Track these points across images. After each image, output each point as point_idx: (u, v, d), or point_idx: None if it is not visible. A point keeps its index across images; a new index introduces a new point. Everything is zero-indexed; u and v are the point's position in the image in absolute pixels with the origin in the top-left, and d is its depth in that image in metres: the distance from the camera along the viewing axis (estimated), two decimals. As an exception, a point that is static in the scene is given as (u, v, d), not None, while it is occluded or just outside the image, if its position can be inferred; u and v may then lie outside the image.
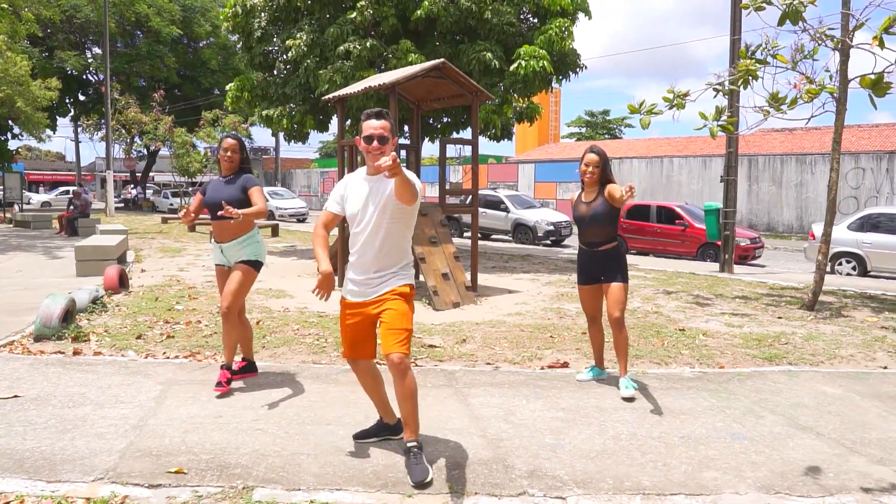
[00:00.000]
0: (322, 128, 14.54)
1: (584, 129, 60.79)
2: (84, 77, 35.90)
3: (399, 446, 3.51)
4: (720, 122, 6.85)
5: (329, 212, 3.42)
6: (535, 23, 12.65)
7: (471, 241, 9.23)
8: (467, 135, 15.94)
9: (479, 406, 4.24)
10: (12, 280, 9.53)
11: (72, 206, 18.55)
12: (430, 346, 5.77)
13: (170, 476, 3.14)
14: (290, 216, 27.98)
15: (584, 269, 4.73)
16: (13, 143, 32.60)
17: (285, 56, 12.65)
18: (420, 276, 8.12)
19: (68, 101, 35.96)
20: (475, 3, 11.47)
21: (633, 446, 3.62)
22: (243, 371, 4.79)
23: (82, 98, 36.95)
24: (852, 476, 3.29)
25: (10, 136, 29.85)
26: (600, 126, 60.14)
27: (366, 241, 3.25)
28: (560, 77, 13.00)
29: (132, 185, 43.26)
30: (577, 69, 12.98)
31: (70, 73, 33.24)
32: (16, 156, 34.77)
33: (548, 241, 18.47)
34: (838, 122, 7.91)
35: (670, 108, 7.06)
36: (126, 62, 32.85)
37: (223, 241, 4.54)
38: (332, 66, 11.53)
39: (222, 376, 4.44)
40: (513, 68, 11.31)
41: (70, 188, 34.77)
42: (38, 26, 23.39)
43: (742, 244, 14.00)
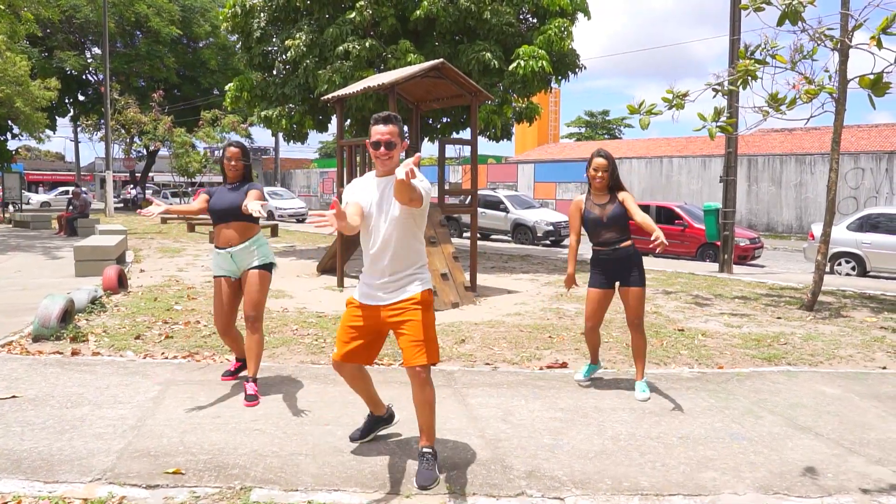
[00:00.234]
0: (321, 128, 14.55)
1: (583, 130, 60.80)
2: (83, 77, 35.90)
3: (397, 447, 3.54)
4: (719, 123, 6.86)
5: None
6: (535, 23, 12.66)
7: (470, 242, 9.23)
8: (467, 135, 15.91)
9: (477, 406, 4.24)
10: (11, 280, 9.53)
11: (71, 207, 18.54)
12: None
13: (167, 476, 3.14)
14: (290, 216, 27.98)
15: (604, 270, 4.53)
16: (12, 144, 32.68)
17: (284, 56, 12.65)
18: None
19: (68, 101, 35.96)
20: (474, 4, 11.48)
21: (631, 447, 3.62)
22: (239, 371, 4.79)
23: (82, 98, 36.95)
24: (851, 476, 3.29)
25: (9, 136, 29.88)
26: (600, 126, 60.15)
27: (380, 244, 3.19)
28: (559, 77, 13.01)
29: (132, 186, 43.23)
30: (577, 69, 12.99)
31: (69, 73, 33.23)
32: (15, 156, 34.79)
33: (547, 242, 18.46)
34: (837, 123, 7.92)
35: (669, 109, 7.07)
36: (125, 62, 32.84)
37: (231, 244, 4.39)
38: (331, 66, 11.53)
39: (252, 389, 4.29)
40: (512, 68, 11.32)
41: (69, 188, 34.75)
42: (38, 26, 23.39)
43: (741, 244, 13.99)
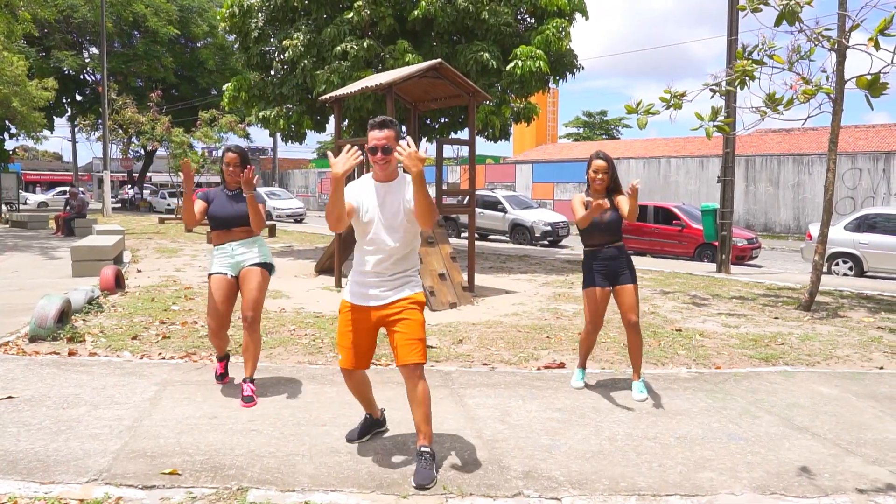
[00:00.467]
0: (319, 128, 14.53)
1: (581, 130, 60.88)
2: (81, 77, 35.85)
3: (394, 447, 3.54)
4: (716, 123, 6.86)
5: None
6: (532, 23, 12.66)
7: (468, 242, 9.22)
8: (464, 135, 15.88)
9: (475, 407, 4.23)
10: (8, 280, 9.50)
11: (68, 207, 18.51)
12: (427, 347, 5.75)
13: (164, 477, 3.13)
14: (288, 217, 27.96)
15: (598, 270, 4.49)
16: (10, 143, 32.56)
17: (282, 56, 12.64)
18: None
19: (65, 101, 35.92)
20: (472, 4, 11.48)
21: (628, 447, 3.62)
22: (226, 370, 4.70)
23: (79, 98, 36.89)
24: (848, 476, 3.29)
25: (6, 136, 29.80)
26: (598, 126, 60.23)
27: (382, 250, 3.20)
28: (557, 77, 13.01)
29: (129, 186, 43.20)
30: (575, 69, 12.99)
31: (67, 72, 33.18)
32: (12, 156, 34.74)
33: (545, 242, 18.47)
34: (835, 123, 7.93)
35: (667, 109, 7.06)
36: (123, 62, 32.79)
37: (233, 240, 4.39)
38: (329, 66, 11.52)
39: (249, 390, 4.25)
40: (510, 68, 11.31)
41: (67, 188, 34.70)
42: (35, 26, 23.31)
43: (739, 244, 14.00)
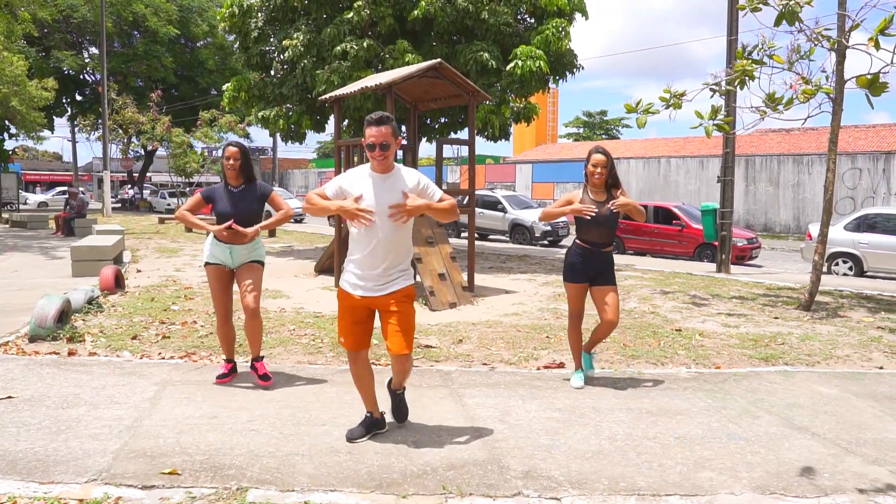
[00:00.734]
0: (319, 128, 14.53)
1: (581, 130, 60.88)
2: (81, 77, 35.82)
3: (394, 447, 3.54)
4: (716, 122, 6.86)
5: (325, 192, 3.46)
6: (532, 23, 12.66)
7: (468, 242, 9.22)
8: (464, 135, 15.90)
9: (474, 406, 4.23)
10: (8, 280, 9.50)
11: (68, 207, 18.50)
12: (427, 347, 5.76)
13: (164, 477, 3.13)
14: (288, 216, 27.91)
15: (581, 268, 4.62)
16: (10, 143, 32.56)
17: (282, 56, 12.64)
18: (417, 277, 8.11)
19: (65, 100, 35.88)
20: (472, 4, 11.48)
21: (628, 447, 3.62)
22: (231, 372, 4.76)
23: (79, 98, 36.87)
24: (847, 476, 3.29)
25: (6, 136, 29.80)
26: (598, 126, 60.23)
27: (375, 239, 3.38)
28: (557, 77, 13.01)
29: (129, 186, 43.20)
30: (574, 69, 12.99)
31: (67, 72, 33.16)
32: (12, 156, 34.73)
33: (545, 242, 18.46)
34: (834, 123, 7.92)
35: (667, 108, 7.08)
36: (123, 62, 32.78)
37: (235, 244, 4.51)
38: (329, 66, 11.52)
39: (263, 368, 4.63)
40: (509, 68, 11.31)
41: (66, 188, 34.70)
42: (35, 26, 23.32)
43: (739, 244, 14.00)
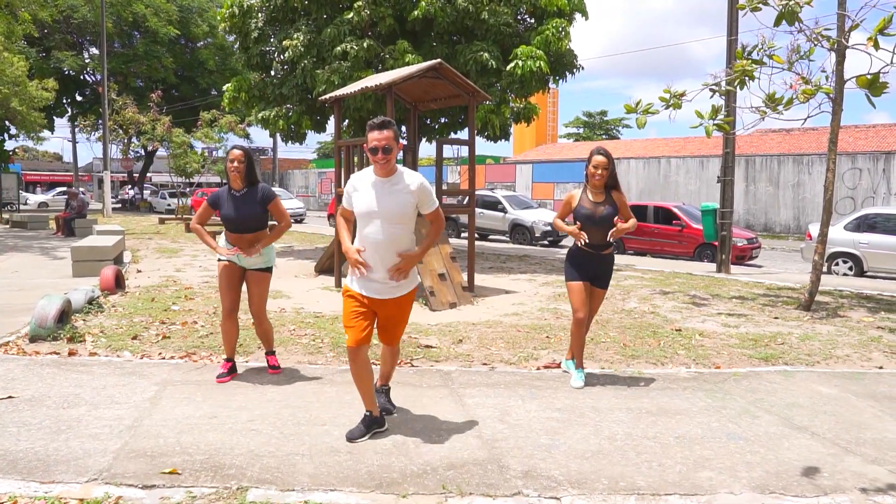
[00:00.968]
0: (319, 128, 14.53)
1: (581, 130, 60.91)
2: (81, 77, 35.84)
3: (394, 447, 3.54)
4: (716, 122, 6.86)
5: (346, 208, 3.65)
6: (532, 23, 12.66)
7: (468, 242, 9.22)
8: (464, 135, 15.90)
9: (474, 406, 4.24)
10: (8, 280, 9.51)
11: (69, 207, 18.51)
12: (427, 347, 5.77)
13: (164, 477, 3.13)
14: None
15: (582, 267, 4.71)
16: (10, 144, 32.55)
17: (282, 56, 12.64)
18: (417, 277, 8.11)
19: (65, 101, 35.89)
20: (472, 4, 11.48)
21: (628, 446, 3.62)
22: (231, 372, 4.78)
23: (79, 98, 36.90)
24: (847, 476, 3.30)
25: (6, 136, 29.81)
26: (598, 126, 60.25)
27: (378, 240, 3.46)
28: (557, 77, 13.01)
29: (129, 186, 43.21)
30: (574, 70, 12.99)
31: (67, 73, 33.17)
32: (13, 156, 34.72)
33: (545, 242, 18.46)
34: (834, 123, 7.93)
35: (667, 108, 7.08)
36: (123, 62, 32.78)
37: (242, 250, 4.60)
38: (329, 66, 11.52)
39: (274, 360, 4.94)
40: (509, 69, 11.31)
41: (67, 188, 34.69)
42: (35, 27, 23.34)
43: (739, 244, 13.99)
